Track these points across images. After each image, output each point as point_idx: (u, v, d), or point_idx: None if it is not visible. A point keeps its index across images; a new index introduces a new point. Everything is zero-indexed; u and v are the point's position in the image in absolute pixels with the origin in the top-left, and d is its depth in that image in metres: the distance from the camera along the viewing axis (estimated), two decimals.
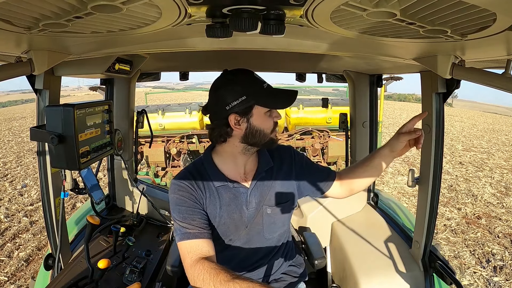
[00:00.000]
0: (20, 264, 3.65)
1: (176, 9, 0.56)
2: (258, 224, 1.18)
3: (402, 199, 5.70)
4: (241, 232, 1.17)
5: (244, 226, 1.16)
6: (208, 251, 1.02)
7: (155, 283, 1.41)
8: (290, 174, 1.23)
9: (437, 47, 0.80)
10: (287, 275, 1.30)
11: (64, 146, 1.10)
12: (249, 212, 1.16)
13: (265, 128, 1.08)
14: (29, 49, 0.81)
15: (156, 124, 5.08)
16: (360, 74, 1.85)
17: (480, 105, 53.97)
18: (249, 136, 1.07)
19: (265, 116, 1.07)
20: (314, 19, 0.62)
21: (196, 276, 0.94)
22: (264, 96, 1.05)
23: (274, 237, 1.23)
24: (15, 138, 13.39)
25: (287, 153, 1.27)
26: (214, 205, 1.12)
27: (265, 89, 1.06)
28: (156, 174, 5.31)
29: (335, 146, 5.20)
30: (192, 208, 1.08)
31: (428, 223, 1.33)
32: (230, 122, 1.04)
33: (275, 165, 1.21)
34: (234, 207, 1.14)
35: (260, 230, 1.19)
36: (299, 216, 2.03)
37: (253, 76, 1.07)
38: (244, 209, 1.15)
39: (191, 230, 1.04)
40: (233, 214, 1.13)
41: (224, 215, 1.12)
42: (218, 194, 1.13)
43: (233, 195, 1.14)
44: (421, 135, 1.07)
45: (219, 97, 1.05)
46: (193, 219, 1.06)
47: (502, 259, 3.81)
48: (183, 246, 1.03)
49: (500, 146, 11.75)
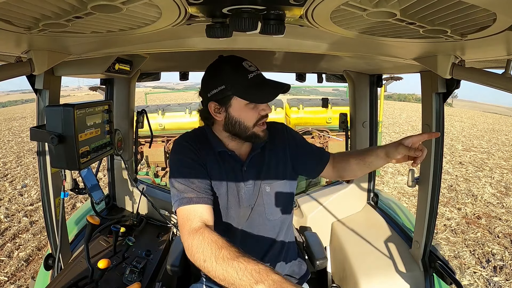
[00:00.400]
0: (20, 264, 3.65)
1: (176, 9, 0.56)
2: (259, 204, 1.15)
3: (402, 199, 5.70)
4: (242, 211, 1.14)
5: (244, 204, 1.13)
6: (208, 219, 0.96)
7: (155, 283, 1.41)
8: (284, 152, 1.20)
9: (437, 47, 0.80)
10: (289, 276, 1.27)
11: (64, 146, 1.10)
12: (247, 189, 1.13)
13: (245, 120, 1.04)
14: (29, 49, 0.81)
15: (156, 124, 5.07)
16: (360, 74, 1.85)
17: (480, 105, 53.99)
18: (229, 126, 1.06)
19: (246, 108, 1.03)
20: (314, 19, 0.62)
21: (195, 247, 0.86)
22: (245, 88, 1.01)
23: (277, 219, 1.19)
24: (15, 138, 13.39)
25: (280, 129, 1.24)
26: (215, 169, 1.09)
27: (249, 80, 1.01)
28: (156, 174, 5.30)
29: (335, 146, 5.18)
30: (192, 170, 1.04)
31: (428, 223, 1.33)
32: (210, 109, 1.05)
33: (269, 142, 1.17)
34: (233, 177, 1.12)
35: (262, 212, 1.16)
36: (299, 216, 2.03)
37: (240, 65, 1.03)
38: (242, 185, 1.13)
39: (190, 195, 0.99)
40: (232, 184, 1.11)
41: (224, 183, 1.10)
42: (220, 158, 1.11)
43: (232, 168, 1.12)
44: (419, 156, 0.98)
45: (204, 83, 1.08)
46: (192, 182, 1.01)
47: (502, 259, 3.81)
48: (181, 213, 0.97)
49: (500, 146, 11.75)
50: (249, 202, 1.15)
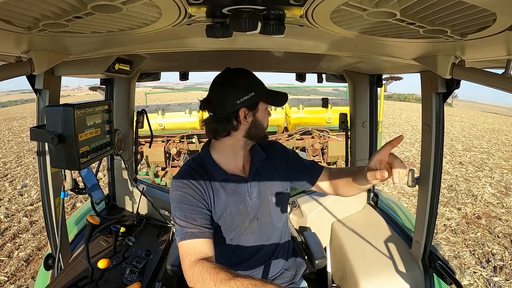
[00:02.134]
0: (20, 264, 3.66)
1: (176, 9, 0.56)
2: (266, 215, 1.23)
3: (402, 199, 5.70)
4: (248, 224, 1.20)
5: (250, 217, 1.19)
6: (208, 252, 1.02)
7: (155, 283, 1.41)
8: (281, 166, 1.31)
9: (437, 47, 0.80)
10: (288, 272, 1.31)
11: (64, 146, 1.10)
12: (252, 202, 1.20)
13: (265, 123, 1.19)
14: (29, 49, 0.81)
15: (156, 124, 5.08)
16: (360, 74, 1.85)
17: (480, 105, 53.98)
18: (253, 129, 1.15)
19: (265, 112, 1.18)
20: (314, 19, 0.62)
21: (196, 277, 0.93)
22: (267, 95, 1.16)
23: (280, 225, 1.29)
24: (15, 138, 13.39)
25: (275, 146, 1.36)
26: (219, 198, 1.15)
27: (266, 89, 1.17)
28: (156, 174, 5.31)
29: (335, 146, 5.20)
30: (194, 207, 1.08)
31: (428, 223, 1.33)
32: (239, 115, 1.10)
33: (267, 158, 1.27)
34: (238, 196, 1.18)
35: (270, 221, 1.24)
36: (299, 216, 2.03)
37: (255, 76, 1.16)
38: (248, 199, 1.19)
39: (191, 230, 1.04)
40: (239, 204, 1.17)
41: (231, 205, 1.16)
42: (222, 187, 1.16)
43: (235, 187, 1.18)
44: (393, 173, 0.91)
45: (229, 93, 1.10)
46: (194, 218, 1.06)
47: (502, 259, 3.81)
48: (183, 247, 1.03)
49: (500, 146, 11.75)
50: (257, 214, 1.21)
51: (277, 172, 1.28)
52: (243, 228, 1.19)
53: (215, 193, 1.15)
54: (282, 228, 1.31)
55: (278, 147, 1.36)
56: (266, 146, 1.31)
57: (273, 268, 1.27)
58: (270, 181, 1.25)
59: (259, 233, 1.22)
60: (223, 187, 1.16)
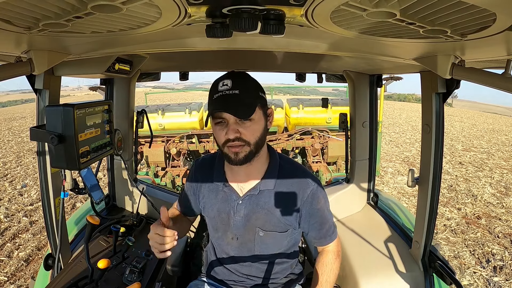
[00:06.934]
0: (20, 264, 3.66)
1: (176, 9, 0.56)
2: (249, 241, 1.16)
3: (402, 199, 5.70)
4: (231, 239, 1.19)
5: (233, 234, 1.18)
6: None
7: (155, 283, 1.41)
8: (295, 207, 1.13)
9: (437, 47, 0.80)
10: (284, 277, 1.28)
11: (64, 146, 1.10)
12: (235, 221, 1.15)
13: (217, 139, 1.06)
14: (29, 49, 0.81)
15: (156, 124, 5.07)
16: (360, 74, 1.84)
17: (480, 105, 53.99)
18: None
19: (215, 127, 1.04)
20: (314, 19, 0.62)
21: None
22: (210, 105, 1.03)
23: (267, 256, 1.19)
24: (15, 138, 13.38)
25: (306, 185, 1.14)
26: (209, 198, 1.23)
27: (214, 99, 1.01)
28: (156, 174, 5.30)
29: (335, 146, 5.19)
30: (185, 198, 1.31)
31: (428, 223, 1.33)
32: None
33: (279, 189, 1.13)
34: (224, 206, 1.18)
35: (252, 248, 1.17)
36: None
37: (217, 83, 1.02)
38: (232, 214, 1.16)
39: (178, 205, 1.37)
40: (222, 213, 1.18)
41: (215, 208, 1.20)
42: (214, 190, 1.21)
43: (226, 197, 1.18)
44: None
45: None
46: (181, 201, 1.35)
47: (502, 259, 3.81)
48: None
49: (500, 146, 11.75)
50: (237, 234, 1.17)
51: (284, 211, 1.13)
52: (225, 237, 1.20)
53: (208, 193, 1.23)
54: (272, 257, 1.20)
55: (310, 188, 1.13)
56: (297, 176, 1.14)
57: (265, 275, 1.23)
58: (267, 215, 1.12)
59: (238, 251, 1.20)
60: (215, 191, 1.21)
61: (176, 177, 5.13)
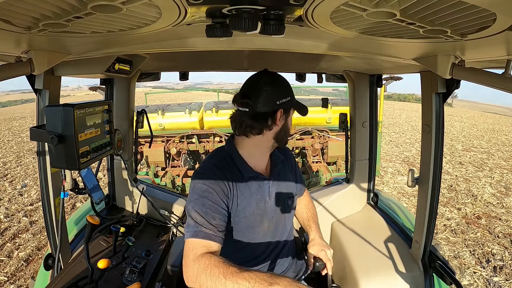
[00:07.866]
0: (20, 264, 3.65)
1: (176, 9, 0.56)
2: (281, 216, 1.26)
3: (402, 199, 5.70)
4: (266, 224, 1.22)
5: (268, 217, 1.22)
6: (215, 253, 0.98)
7: (155, 283, 1.41)
8: (291, 171, 1.37)
9: (437, 47, 0.80)
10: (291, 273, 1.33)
11: (64, 146, 1.10)
12: (271, 203, 1.22)
13: (290, 129, 1.22)
14: (29, 49, 0.81)
15: (156, 124, 5.07)
16: (360, 74, 1.84)
17: (480, 105, 53.99)
18: (282, 132, 1.17)
19: (291, 119, 1.20)
20: (314, 19, 0.62)
21: (202, 270, 0.88)
22: (297, 103, 1.19)
23: (290, 227, 1.34)
24: (15, 138, 13.38)
25: (288, 153, 1.41)
26: (243, 196, 1.14)
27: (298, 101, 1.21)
28: (156, 174, 5.30)
29: (335, 146, 5.18)
30: (216, 205, 1.04)
31: (428, 223, 1.33)
32: (276, 116, 1.11)
33: (285, 161, 1.33)
34: (260, 196, 1.19)
35: (283, 223, 1.29)
36: None
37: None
38: (267, 199, 1.21)
39: (207, 230, 0.98)
40: (259, 203, 1.19)
41: (253, 204, 1.17)
42: (247, 185, 1.17)
43: (258, 186, 1.20)
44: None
45: (270, 92, 1.10)
46: (213, 217, 1.01)
47: (502, 259, 3.81)
48: (192, 243, 0.97)
49: (500, 146, 11.75)
50: (274, 214, 1.24)
51: (291, 176, 1.34)
52: (260, 228, 1.21)
53: (240, 191, 1.13)
54: (290, 230, 1.35)
55: (290, 154, 1.41)
56: (285, 150, 1.38)
57: (278, 268, 1.28)
58: (286, 184, 1.30)
59: (273, 234, 1.25)
60: (248, 186, 1.16)
61: (176, 177, 5.13)
